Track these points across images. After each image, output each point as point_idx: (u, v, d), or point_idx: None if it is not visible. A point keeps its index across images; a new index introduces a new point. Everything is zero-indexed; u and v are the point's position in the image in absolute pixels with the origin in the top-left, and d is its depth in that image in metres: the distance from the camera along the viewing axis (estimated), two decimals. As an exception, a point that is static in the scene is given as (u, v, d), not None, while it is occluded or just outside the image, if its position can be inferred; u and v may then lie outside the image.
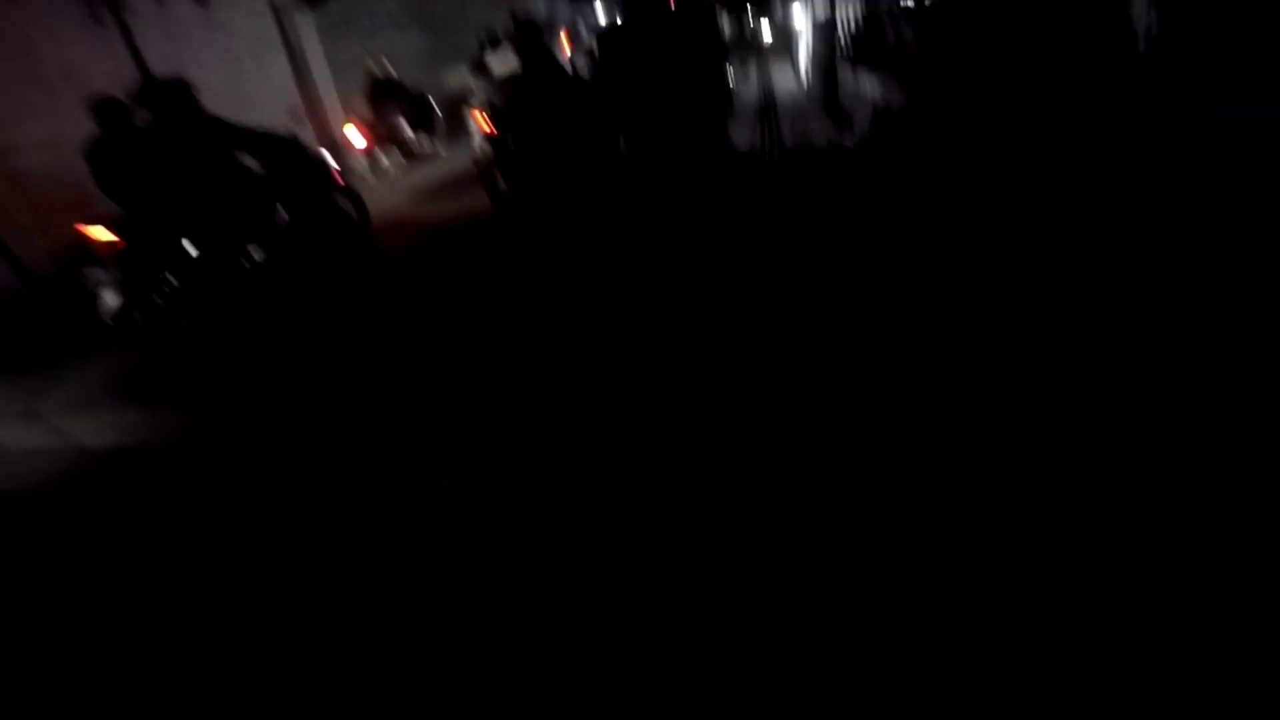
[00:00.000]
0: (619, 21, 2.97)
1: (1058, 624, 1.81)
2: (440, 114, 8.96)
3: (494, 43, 7.57)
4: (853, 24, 11.99)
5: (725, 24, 40.67)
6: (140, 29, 6.78)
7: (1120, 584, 1.90)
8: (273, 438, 3.12)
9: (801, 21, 17.37)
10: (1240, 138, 3.43)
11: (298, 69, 9.04)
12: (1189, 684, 1.62)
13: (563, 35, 13.50)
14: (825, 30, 12.41)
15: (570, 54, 12.28)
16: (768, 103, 7.58)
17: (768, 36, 31.64)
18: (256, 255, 4.67)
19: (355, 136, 8.06)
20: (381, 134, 8.35)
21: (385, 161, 8.41)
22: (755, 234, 6.01)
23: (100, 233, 4.01)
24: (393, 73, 8.66)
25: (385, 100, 8.50)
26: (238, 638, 2.22)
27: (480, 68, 7.50)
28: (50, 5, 6.09)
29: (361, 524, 2.77)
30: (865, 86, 8.70)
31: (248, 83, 7.99)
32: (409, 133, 8.62)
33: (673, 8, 2.86)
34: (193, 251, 4.28)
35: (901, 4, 8.70)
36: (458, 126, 9.05)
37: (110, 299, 4.00)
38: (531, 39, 5.59)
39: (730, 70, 3.19)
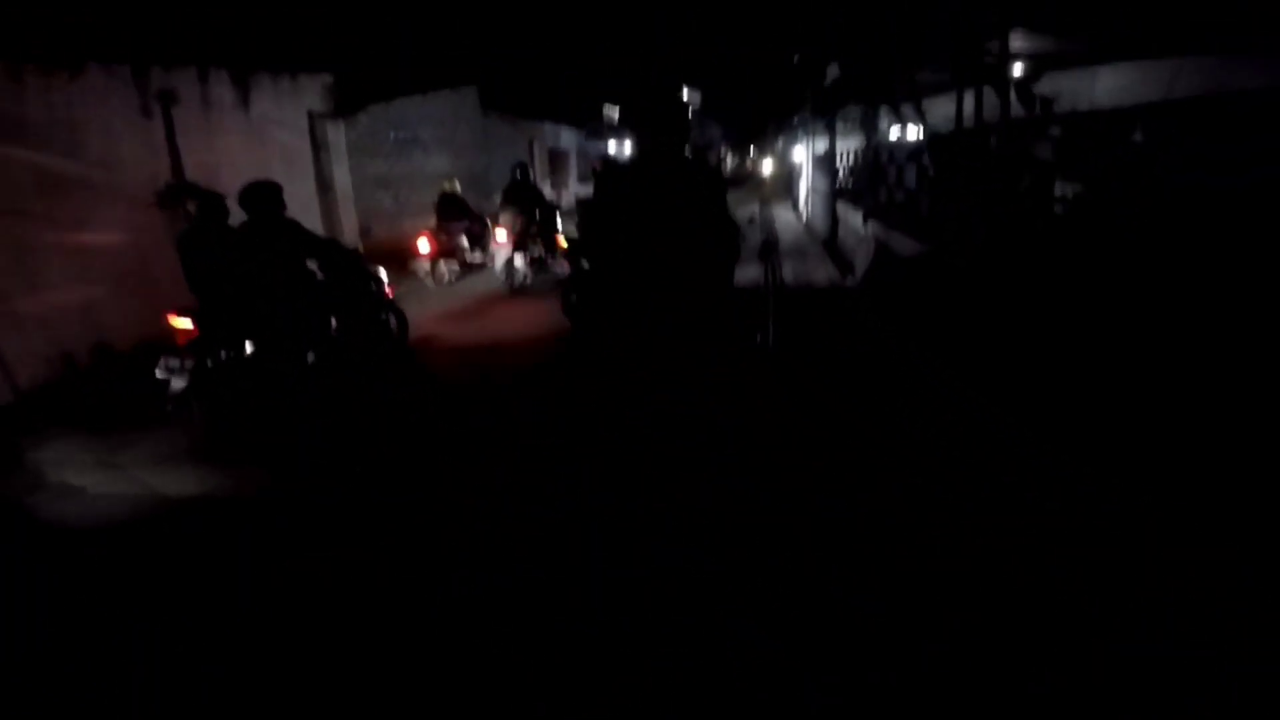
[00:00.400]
0: (632, 154, 2.94)
1: (1058, 624, 1.81)
2: (491, 232, 10.00)
3: (523, 171, 9.03)
4: (852, 159, 12.08)
5: (728, 160, 40.55)
6: (183, 125, 6.73)
7: (1120, 584, 1.90)
8: (305, 490, 3.32)
9: (802, 156, 17.55)
10: (1233, 205, 3.51)
11: (322, 181, 9.70)
12: (1189, 684, 1.61)
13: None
14: (825, 166, 12.33)
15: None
16: (769, 242, 8.00)
17: (768, 170, 31.66)
18: (310, 359, 4.86)
19: (423, 244, 9.12)
20: (444, 245, 9.38)
21: (444, 269, 9.39)
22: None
23: (181, 322, 4.20)
24: (458, 189, 9.84)
25: (450, 215, 9.64)
26: (238, 637, 2.22)
27: (509, 197, 8.61)
28: (106, 94, 5.98)
29: (365, 532, 2.79)
30: (868, 227, 8.87)
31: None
32: (466, 244, 9.72)
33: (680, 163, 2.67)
34: (250, 350, 4.46)
35: (898, 139, 8.83)
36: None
37: (177, 385, 4.17)
38: (611, 171, 6.08)
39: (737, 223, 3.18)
